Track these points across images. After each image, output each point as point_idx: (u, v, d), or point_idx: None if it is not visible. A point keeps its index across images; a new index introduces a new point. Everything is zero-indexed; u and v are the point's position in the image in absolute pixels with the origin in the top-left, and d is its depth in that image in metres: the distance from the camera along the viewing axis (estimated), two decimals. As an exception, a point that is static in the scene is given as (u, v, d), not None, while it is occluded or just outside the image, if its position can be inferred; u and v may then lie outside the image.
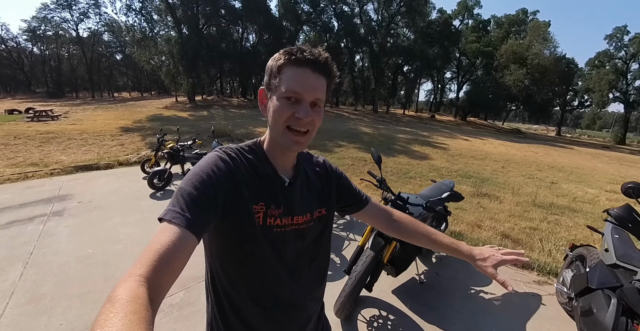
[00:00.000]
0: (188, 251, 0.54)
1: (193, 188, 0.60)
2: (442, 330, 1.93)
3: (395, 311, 2.11)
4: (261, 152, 0.75)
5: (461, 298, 2.28)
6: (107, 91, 50.91)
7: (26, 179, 5.18)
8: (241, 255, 0.70)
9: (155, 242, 0.52)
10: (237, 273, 0.71)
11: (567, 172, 9.71)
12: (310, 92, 0.66)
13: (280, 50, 0.68)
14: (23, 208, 3.79)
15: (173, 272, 0.51)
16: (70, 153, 7.25)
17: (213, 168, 0.65)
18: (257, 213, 0.68)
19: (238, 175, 0.67)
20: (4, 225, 3.28)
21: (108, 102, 29.38)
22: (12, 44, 45.01)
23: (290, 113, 0.66)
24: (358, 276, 1.84)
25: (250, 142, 0.77)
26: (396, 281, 2.43)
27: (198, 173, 0.64)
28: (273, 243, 0.71)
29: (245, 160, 0.71)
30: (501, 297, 2.32)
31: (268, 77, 0.70)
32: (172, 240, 0.52)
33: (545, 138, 30.38)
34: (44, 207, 3.83)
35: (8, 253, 2.69)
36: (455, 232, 3.38)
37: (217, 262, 0.73)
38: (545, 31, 31.01)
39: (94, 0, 37.99)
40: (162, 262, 0.49)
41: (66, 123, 12.55)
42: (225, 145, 0.74)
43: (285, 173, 0.76)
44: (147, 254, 0.50)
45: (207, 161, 0.67)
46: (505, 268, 2.78)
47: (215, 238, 0.70)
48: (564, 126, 52.72)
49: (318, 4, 32.18)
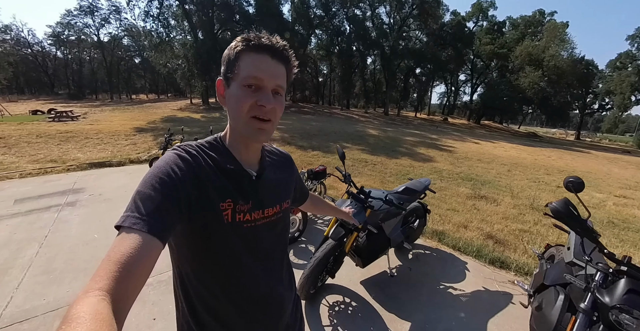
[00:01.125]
0: (152, 258, 0.51)
1: (152, 190, 0.57)
2: (400, 319, 2.03)
3: (358, 299, 2.23)
4: (223, 147, 0.72)
5: (428, 292, 2.37)
6: (125, 93, 53.11)
7: (45, 174, 5.62)
8: (213, 255, 0.67)
9: (114, 251, 0.49)
10: (210, 274, 0.69)
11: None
12: (271, 79, 0.65)
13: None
14: (41, 199, 4.20)
15: (137, 281, 0.48)
16: (86, 151, 7.72)
17: (173, 168, 0.61)
18: (224, 210, 0.66)
19: (201, 173, 0.64)
20: (24, 212, 3.70)
21: (126, 103, 30.68)
22: (38, 48, 47.84)
23: (253, 102, 0.64)
24: (316, 262, 1.99)
25: (210, 138, 0.74)
26: (367, 273, 2.54)
27: (156, 174, 0.60)
28: (245, 239, 0.70)
29: (208, 156, 0.68)
30: (470, 294, 2.39)
31: (225, 66, 0.68)
32: (133, 247, 0.49)
33: (563, 142, 29.38)
34: (59, 198, 4.23)
35: (27, 235, 3.09)
36: (438, 231, 3.45)
37: (187, 266, 0.70)
38: (563, 32, 30.09)
39: (115, 6, 40.19)
40: (123, 272, 0.46)
41: (84, 123, 13.24)
42: (185, 143, 0.70)
43: (250, 167, 0.74)
44: (106, 265, 0.46)
45: (166, 161, 0.63)
46: (483, 267, 2.85)
47: (184, 241, 0.67)
48: (584, 130, 50.76)
49: (330, 8, 32.57)
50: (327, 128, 15.57)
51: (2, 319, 1.91)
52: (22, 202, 4.07)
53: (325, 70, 48.68)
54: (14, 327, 1.85)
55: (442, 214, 4.28)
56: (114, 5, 40.09)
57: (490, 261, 2.92)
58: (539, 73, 29.28)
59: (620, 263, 1.33)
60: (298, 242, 3.13)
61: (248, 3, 27.71)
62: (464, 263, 2.86)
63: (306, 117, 22.92)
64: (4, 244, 2.88)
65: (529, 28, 35.64)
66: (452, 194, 5.69)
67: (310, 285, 2.02)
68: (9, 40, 36.70)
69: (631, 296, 1.17)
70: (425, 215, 2.99)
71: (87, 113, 18.21)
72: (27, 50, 45.83)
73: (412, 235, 2.82)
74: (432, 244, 3.23)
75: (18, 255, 2.70)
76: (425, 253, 3.01)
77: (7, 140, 8.38)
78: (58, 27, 41.69)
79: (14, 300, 2.10)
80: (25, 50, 45.33)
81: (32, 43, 46.25)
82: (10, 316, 1.94)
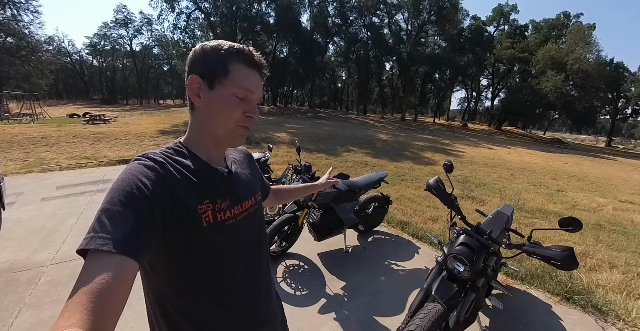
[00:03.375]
0: (128, 283, 0.47)
1: (120, 206, 0.52)
2: (339, 280, 2.52)
3: (311, 264, 2.75)
4: (188, 150, 0.70)
5: (372, 265, 2.79)
6: (153, 98, 56.54)
7: (80, 168, 6.65)
8: (194, 263, 0.65)
9: (82, 280, 0.44)
10: (196, 286, 0.66)
11: (588, 182, 9.33)
12: (259, 93, 0.71)
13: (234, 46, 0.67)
14: (77, 187, 5.11)
15: (114, 310, 0.44)
16: (115, 150, 8.78)
17: (141, 179, 0.57)
18: (204, 213, 0.64)
19: (172, 180, 0.61)
20: (64, 196, 4.60)
21: (153, 108, 32.88)
22: (76, 57, 52.51)
23: (242, 112, 0.68)
24: (271, 229, 2.47)
25: (171, 144, 0.72)
26: (325, 247, 3.05)
27: (122, 188, 0.55)
28: (229, 238, 0.69)
29: (175, 162, 0.65)
30: (409, 270, 2.75)
31: (211, 66, 0.65)
32: (104, 271, 0.45)
33: (590, 148, 27.96)
34: (92, 186, 5.14)
35: (68, 211, 3.94)
36: (403, 222, 3.84)
37: (164, 287, 0.66)
38: (589, 34, 28.95)
39: (147, 18, 43.55)
40: (97, 302, 0.42)
41: (114, 126, 14.68)
42: (147, 151, 0.67)
43: (218, 165, 0.75)
44: (76, 298, 0.42)
45: (131, 172, 0.59)
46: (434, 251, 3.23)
47: (160, 258, 0.62)
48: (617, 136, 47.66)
49: (348, 16, 33.53)
50: (337, 133, 16.08)
51: (55, 259, 2.73)
52: (63, 188, 5.00)
53: (343, 76, 49.45)
54: (64, 264, 2.65)
55: (418, 209, 4.61)
56: (146, 18, 43.58)
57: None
58: (561, 76, 28.28)
59: (468, 225, 1.77)
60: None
61: (268, 14, 29.16)
62: (417, 248, 3.25)
63: (320, 122, 23.60)
64: (52, 216, 3.75)
65: (553, 31, 34.54)
66: (439, 194, 5.98)
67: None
68: (51, 50, 40.54)
69: (462, 248, 1.60)
70: (385, 205, 3.43)
71: (117, 117, 20.00)
72: (66, 59, 50.28)
73: (370, 220, 3.27)
74: (394, 232, 3.64)
75: (62, 223, 3.54)
76: (385, 239, 3.43)
77: (48, 139, 9.73)
78: (95, 37, 45.56)
79: (62, 249, 2.91)
80: (65, 59, 49.72)
81: (71, 52, 50.98)
82: (60, 257, 2.76)
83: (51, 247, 2.95)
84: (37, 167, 6.39)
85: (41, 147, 8.59)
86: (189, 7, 26.03)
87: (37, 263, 2.65)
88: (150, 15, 44.98)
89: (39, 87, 27.55)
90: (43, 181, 5.41)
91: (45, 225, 3.45)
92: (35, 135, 10.39)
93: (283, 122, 20.19)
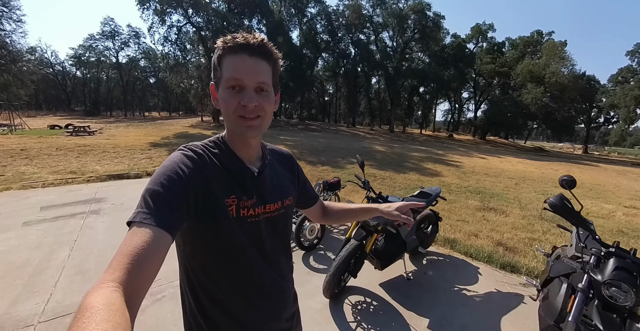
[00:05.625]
0: (162, 252, 0.53)
1: (161, 187, 0.59)
2: (419, 316, 2.14)
3: (378, 299, 2.35)
4: (225, 146, 0.75)
5: (443, 293, 2.47)
6: (138, 111, 55.17)
7: (67, 184, 5.89)
8: (220, 248, 0.70)
9: (126, 244, 0.51)
10: (217, 269, 0.72)
11: (586, 189, 9.45)
12: (250, 77, 0.66)
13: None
14: (66, 207, 4.43)
15: (148, 275, 0.50)
16: (104, 164, 8.03)
17: (180, 166, 0.64)
18: (229, 206, 0.68)
19: (207, 171, 0.67)
20: (50, 218, 3.91)
21: (139, 120, 31.80)
22: (59, 68, 50.52)
23: (237, 102, 0.66)
24: (340, 260, 2.13)
25: (213, 138, 0.77)
26: (385, 276, 2.66)
27: (165, 172, 0.62)
28: (249, 234, 0.73)
29: (212, 155, 0.71)
30: (483, 295, 2.48)
31: (213, 71, 0.71)
32: (144, 241, 0.51)
33: (570, 156, 29.19)
34: (83, 207, 4.46)
35: (57, 239, 3.27)
36: (450, 239, 3.56)
37: (193, 262, 0.72)
38: (562, 50, 30.92)
39: (135, 32, 42.91)
40: (135, 265, 0.48)
41: (101, 138, 13.75)
42: (190, 143, 0.74)
43: (252, 164, 0.78)
44: (119, 258, 0.48)
45: (173, 160, 0.66)
46: (494, 271, 2.94)
47: (191, 237, 0.69)
48: (591, 144, 50.46)
49: (336, 33, 34.39)
50: (334, 145, 15.90)
51: (46, 313, 2.07)
52: (48, 209, 4.29)
53: (331, 90, 50.17)
54: (58, 321, 2.00)
55: (452, 225, 4.38)
56: (134, 31, 42.90)
57: (501, 266, 3.01)
58: (541, 89, 29.82)
59: (609, 247, 1.50)
60: (317, 248, 3.27)
61: (260, 30, 29.37)
62: (476, 268, 2.95)
63: (313, 134, 23.44)
64: (37, 247, 3.06)
65: (528, 47, 36.75)
66: (462, 206, 5.78)
67: (334, 285, 2.15)
68: (32, 60, 38.88)
69: (619, 273, 1.33)
70: (437, 222, 3.13)
71: (102, 129, 18.94)
72: (48, 69, 48.43)
73: (425, 240, 2.95)
74: (444, 251, 3.33)
75: (51, 256, 2.87)
76: (438, 260, 3.12)
77: (28, 152, 8.81)
78: (80, 49, 44.33)
79: (54, 296, 2.26)
80: (47, 70, 47.84)
81: (54, 63, 49.14)
82: (53, 311, 2.09)
83: (39, 292, 2.26)
84: (16, 183, 5.63)
85: (20, 161, 7.73)
86: (180, 21, 25.85)
87: (20, 320, 1.94)
88: (138, 29, 44.68)
89: (18, 97, 26.04)
90: (24, 200, 4.71)
91: (29, 260, 2.76)
92: (13, 147, 9.45)
93: (276, 135, 19.86)
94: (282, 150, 0.94)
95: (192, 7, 24.62)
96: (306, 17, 33.28)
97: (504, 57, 37.45)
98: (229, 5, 26.51)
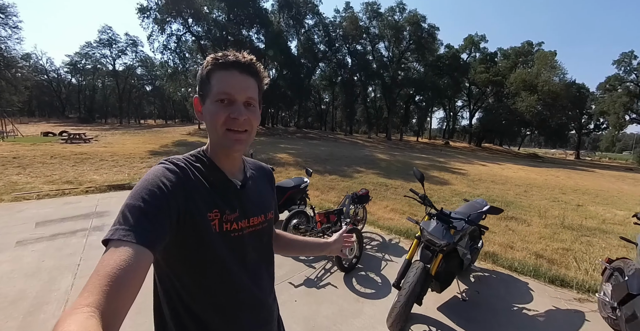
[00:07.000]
0: (143, 271, 0.50)
1: (142, 202, 0.57)
2: None
3: (443, 327, 2.11)
4: (208, 159, 0.74)
5: (505, 315, 2.27)
6: (134, 118, 54.33)
7: (63, 195, 5.44)
8: (202, 264, 0.68)
9: (104, 264, 0.47)
10: (198, 285, 0.69)
11: (592, 195, 9.46)
12: (241, 92, 0.68)
13: None
14: (65, 222, 3.97)
15: (128, 296, 0.46)
16: (102, 173, 7.61)
17: (162, 180, 0.62)
18: (212, 220, 0.67)
19: (189, 185, 0.66)
20: (48, 236, 3.44)
21: (135, 128, 31.25)
22: (54, 75, 49.50)
23: (226, 115, 0.67)
24: (411, 287, 1.88)
25: (194, 152, 0.76)
26: (440, 299, 2.44)
27: (146, 186, 0.60)
28: (232, 248, 0.71)
29: (195, 168, 0.70)
30: (544, 313, 2.31)
31: (199, 85, 0.71)
32: (123, 259, 0.48)
33: (564, 162, 29.64)
34: (84, 222, 4.00)
35: (57, 263, 2.80)
36: (490, 252, 3.38)
37: (173, 278, 0.69)
38: (553, 59, 31.82)
39: (133, 40, 42.68)
40: (114, 287, 0.44)
41: (97, 146, 13.22)
42: (172, 156, 0.73)
43: (234, 176, 0.77)
44: (95, 280, 0.44)
45: (155, 173, 0.64)
46: (545, 286, 2.77)
47: (172, 254, 0.66)
48: (582, 149, 51.55)
49: (333, 43, 34.86)
50: (337, 153, 15.77)
51: None
52: (45, 225, 3.83)
53: (327, 99, 50.47)
54: None
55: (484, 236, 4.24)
56: (131, 39, 42.67)
57: (549, 280, 2.85)
58: (534, 97, 30.49)
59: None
60: (357, 269, 2.95)
61: (259, 39, 29.54)
62: (525, 284, 2.78)
63: (313, 142, 23.32)
64: (34, 273, 2.57)
65: (520, 57, 37.80)
66: (482, 215, 5.66)
67: (406, 315, 1.87)
68: (27, 67, 38.15)
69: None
70: (481, 236, 2.98)
71: (98, 136, 18.37)
72: (43, 76, 47.50)
73: (474, 256, 2.79)
74: (487, 266, 3.14)
75: (52, 286, 2.40)
76: (485, 276, 2.92)
77: (21, 160, 8.32)
78: (76, 56, 43.82)
79: None
80: (41, 76, 46.95)
81: (49, 70, 48.24)
82: None
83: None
84: (7, 195, 5.17)
85: (12, 169, 7.25)
86: (179, 30, 25.89)
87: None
88: (136, 37, 44.33)
89: (11, 103, 25.39)
90: (17, 214, 4.24)
91: (25, 292, 2.30)
92: (5, 154, 8.97)
93: (277, 143, 19.69)
94: (262, 164, 0.94)
95: (192, 17, 24.75)
96: (304, 28, 33.60)
97: (497, 66, 38.37)
98: (228, 16, 26.64)
